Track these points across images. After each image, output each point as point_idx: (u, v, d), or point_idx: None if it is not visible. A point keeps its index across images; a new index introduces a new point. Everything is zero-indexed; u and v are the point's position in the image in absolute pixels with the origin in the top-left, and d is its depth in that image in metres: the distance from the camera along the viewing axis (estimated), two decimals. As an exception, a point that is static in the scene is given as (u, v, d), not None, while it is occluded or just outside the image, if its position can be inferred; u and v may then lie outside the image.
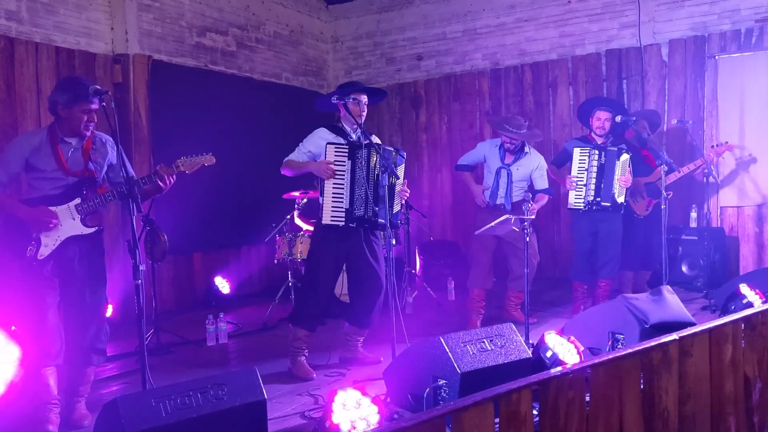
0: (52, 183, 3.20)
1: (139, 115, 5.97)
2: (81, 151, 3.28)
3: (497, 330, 3.06)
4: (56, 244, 3.19)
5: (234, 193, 6.75)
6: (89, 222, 3.27)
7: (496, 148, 5.15)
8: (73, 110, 3.17)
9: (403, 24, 8.06)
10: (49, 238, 3.17)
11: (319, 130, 4.09)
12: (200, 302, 6.49)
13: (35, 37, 5.33)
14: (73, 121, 3.19)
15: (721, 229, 6.31)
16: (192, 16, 6.63)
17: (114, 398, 2.28)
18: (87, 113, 3.19)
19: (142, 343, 2.89)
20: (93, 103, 3.18)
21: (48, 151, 3.19)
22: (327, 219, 3.91)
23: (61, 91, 3.22)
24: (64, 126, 3.22)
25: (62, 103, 3.17)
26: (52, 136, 3.23)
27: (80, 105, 3.16)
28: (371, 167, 3.92)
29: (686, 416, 2.61)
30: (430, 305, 6.03)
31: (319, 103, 4.26)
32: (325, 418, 2.48)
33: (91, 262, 3.29)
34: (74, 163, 3.25)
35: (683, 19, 6.58)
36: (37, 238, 3.16)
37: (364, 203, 3.91)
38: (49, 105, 3.25)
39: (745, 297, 4.04)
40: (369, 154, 3.92)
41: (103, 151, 3.37)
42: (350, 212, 3.92)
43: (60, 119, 3.22)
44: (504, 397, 1.99)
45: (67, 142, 3.24)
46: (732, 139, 6.10)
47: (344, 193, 3.91)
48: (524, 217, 4.10)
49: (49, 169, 3.19)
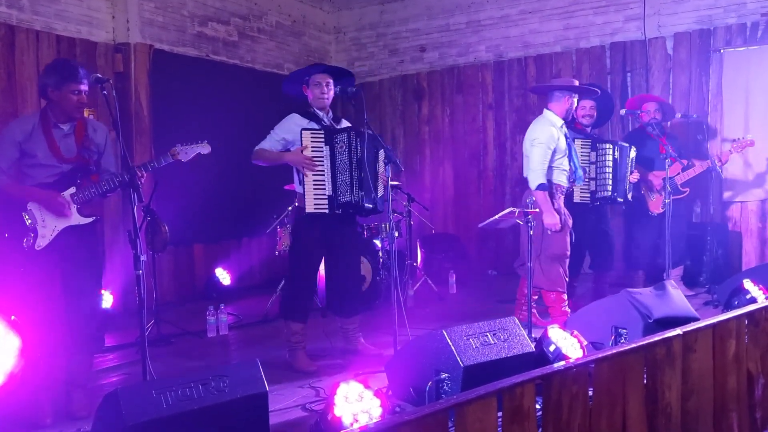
0: (45, 170, 3.18)
1: (140, 105, 5.94)
2: (74, 137, 3.25)
3: (500, 324, 3.04)
4: (53, 235, 3.17)
5: (235, 184, 6.73)
6: (85, 211, 3.25)
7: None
8: (63, 91, 3.14)
9: (406, 15, 8.02)
10: (46, 228, 3.15)
11: (291, 116, 3.97)
12: (201, 293, 6.49)
13: (36, 25, 5.29)
14: (64, 103, 3.16)
15: (724, 224, 6.28)
16: (194, 6, 6.59)
17: (115, 389, 2.27)
18: (77, 94, 3.17)
19: (143, 333, 2.88)
20: (83, 84, 3.16)
21: (41, 137, 3.17)
22: (310, 207, 3.82)
23: (50, 73, 3.19)
24: (56, 110, 3.20)
25: (52, 85, 3.15)
26: (44, 121, 3.20)
27: (69, 86, 3.14)
28: (353, 151, 3.83)
29: (689, 412, 2.59)
30: (432, 298, 6.02)
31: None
32: (327, 411, 2.47)
33: (87, 251, 3.28)
34: (67, 149, 3.22)
35: (688, 12, 6.53)
36: (34, 229, 3.14)
37: (350, 188, 3.82)
38: (39, 89, 3.26)
39: (748, 292, 4.01)
40: (350, 138, 3.83)
41: (95, 137, 3.34)
42: (334, 199, 3.83)
43: (51, 103, 3.19)
44: (507, 391, 1.98)
45: (59, 127, 3.22)
46: (737, 134, 6.07)
47: (325, 179, 3.83)
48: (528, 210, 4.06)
49: (42, 155, 3.16)
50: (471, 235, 7.45)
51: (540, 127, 4.52)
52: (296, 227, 4.09)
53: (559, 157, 4.52)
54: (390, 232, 3.93)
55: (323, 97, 3.95)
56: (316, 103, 3.98)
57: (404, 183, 7.40)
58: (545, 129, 4.47)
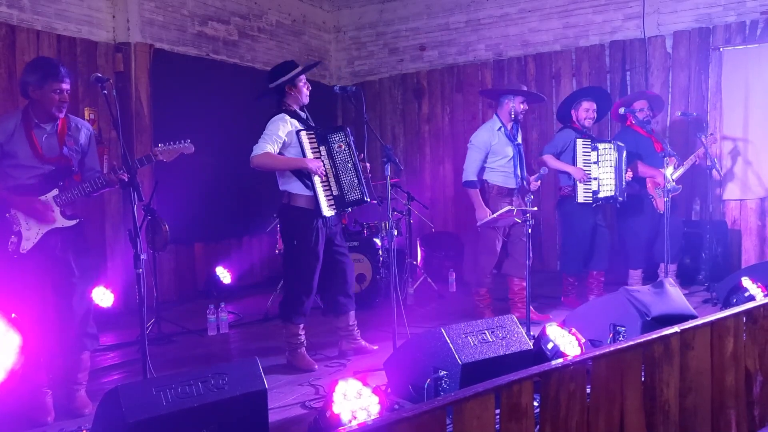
0: (27, 171, 3.13)
1: (141, 104, 5.95)
2: (56, 137, 3.21)
3: (498, 321, 3.05)
4: (38, 237, 3.13)
5: (235, 183, 6.74)
6: (68, 212, 3.21)
7: None
8: (45, 90, 3.10)
9: (406, 14, 8.02)
10: (30, 231, 3.12)
11: (282, 116, 3.87)
12: (201, 292, 6.50)
13: (36, 25, 5.30)
14: (45, 102, 3.12)
15: (723, 222, 6.29)
16: (194, 5, 6.59)
17: (115, 386, 2.28)
18: (58, 93, 3.13)
19: (143, 332, 2.89)
20: (64, 82, 3.13)
21: (22, 136, 3.12)
22: (326, 210, 3.83)
23: (30, 71, 3.15)
24: (38, 109, 3.15)
25: (33, 84, 3.11)
26: (26, 120, 3.15)
27: (51, 84, 3.10)
28: (352, 149, 3.89)
29: (687, 409, 2.60)
30: (431, 296, 6.03)
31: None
32: (325, 408, 2.48)
33: (75, 252, 3.24)
34: (49, 149, 3.17)
35: (688, 10, 6.54)
36: (18, 232, 3.10)
37: (357, 186, 3.87)
38: (20, 88, 3.18)
39: (747, 290, 4.02)
40: (347, 136, 3.88)
41: (77, 136, 3.29)
42: (341, 198, 3.85)
43: (33, 102, 3.15)
44: (505, 388, 1.99)
45: (41, 127, 3.17)
46: (736, 132, 6.08)
47: (328, 180, 3.85)
48: (526, 208, 4.08)
49: (23, 156, 3.11)
50: (471, 234, 7.44)
51: (479, 131, 4.92)
52: (291, 228, 3.97)
53: (495, 158, 4.80)
54: (390, 231, 3.95)
55: (306, 95, 3.95)
56: (298, 102, 3.95)
57: (404, 181, 7.42)
58: (482, 133, 4.86)
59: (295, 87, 3.95)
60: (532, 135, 7.31)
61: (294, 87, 3.95)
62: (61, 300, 3.21)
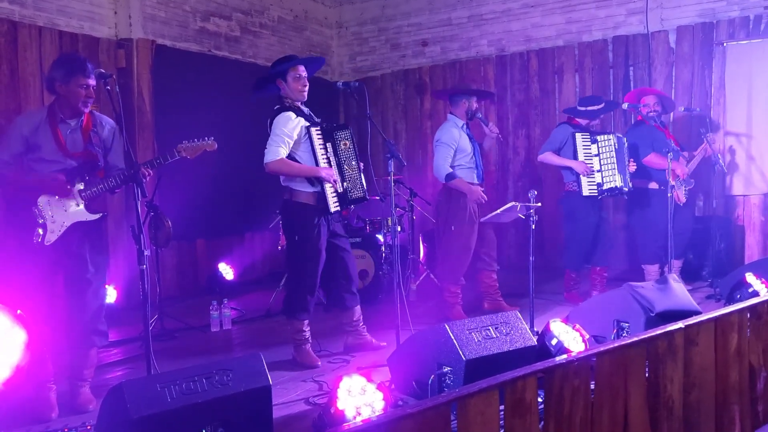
0: (51, 165, 3.18)
1: (143, 100, 5.95)
2: (80, 132, 3.25)
3: (502, 317, 3.05)
4: (62, 230, 3.18)
5: (238, 179, 6.74)
6: (93, 207, 3.26)
7: None
8: (71, 85, 3.15)
9: (408, 9, 8.00)
10: (55, 224, 3.17)
11: (287, 114, 3.82)
12: (204, 288, 6.50)
13: (38, 21, 5.29)
14: (71, 98, 3.17)
15: (727, 217, 6.28)
16: (196, 1, 6.58)
17: (119, 383, 2.28)
18: (85, 88, 3.17)
19: (147, 328, 2.90)
20: (90, 78, 3.16)
21: (47, 131, 3.17)
22: (333, 207, 3.84)
23: (57, 67, 3.20)
24: (64, 104, 3.20)
25: (59, 79, 3.16)
26: (51, 116, 3.20)
27: (77, 79, 3.14)
28: (355, 146, 3.89)
29: (691, 405, 2.60)
30: (434, 292, 6.02)
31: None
32: (330, 404, 2.48)
33: (92, 247, 3.29)
34: (73, 144, 3.23)
35: (691, 5, 6.51)
36: (44, 225, 3.15)
37: (360, 183, 3.87)
38: (46, 83, 3.24)
39: (750, 286, 4.01)
40: (351, 133, 3.88)
41: (102, 132, 3.34)
42: (345, 195, 3.86)
43: (59, 97, 3.20)
44: (509, 384, 1.99)
45: (66, 122, 3.22)
46: (739, 128, 6.06)
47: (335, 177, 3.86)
48: (530, 204, 4.07)
49: (46, 150, 3.17)
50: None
51: (443, 129, 4.95)
52: (293, 224, 3.96)
53: (461, 155, 4.88)
54: (393, 227, 3.95)
55: (305, 89, 3.91)
56: (297, 96, 3.90)
57: (407, 178, 7.40)
58: (450, 131, 4.89)
59: (285, 81, 3.89)
60: (535, 131, 7.30)
61: (284, 81, 3.89)
62: (73, 295, 3.24)
